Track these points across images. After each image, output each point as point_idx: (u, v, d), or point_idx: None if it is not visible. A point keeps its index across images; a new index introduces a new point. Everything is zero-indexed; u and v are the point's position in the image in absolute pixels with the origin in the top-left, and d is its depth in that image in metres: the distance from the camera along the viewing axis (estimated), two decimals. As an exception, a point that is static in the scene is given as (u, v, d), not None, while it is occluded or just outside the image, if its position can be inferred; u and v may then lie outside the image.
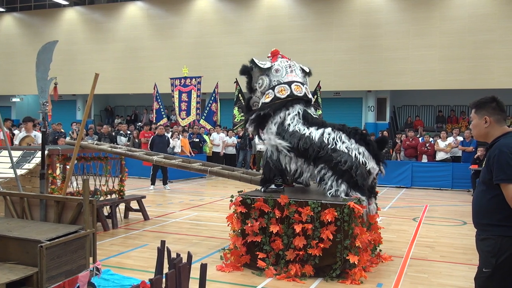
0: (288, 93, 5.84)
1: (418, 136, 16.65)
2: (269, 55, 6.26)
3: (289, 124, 5.74)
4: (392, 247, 6.64)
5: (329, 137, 5.57)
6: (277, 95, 5.86)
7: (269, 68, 6.04)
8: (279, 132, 5.74)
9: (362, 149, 5.55)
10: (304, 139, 5.59)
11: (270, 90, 5.92)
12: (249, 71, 6.16)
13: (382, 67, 20.46)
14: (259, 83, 6.07)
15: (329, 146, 5.48)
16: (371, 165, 5.55)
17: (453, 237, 7.58)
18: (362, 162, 5.46)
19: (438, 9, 19.81)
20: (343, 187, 5.38)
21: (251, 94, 6.28)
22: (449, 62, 19.42)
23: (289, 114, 5.80)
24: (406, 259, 6.17)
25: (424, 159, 14.91)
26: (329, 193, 5.41)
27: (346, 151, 5.46)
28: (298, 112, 5.83)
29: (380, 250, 6.11)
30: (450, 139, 14.91)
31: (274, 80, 5.97)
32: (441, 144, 14.78)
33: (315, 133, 5.64)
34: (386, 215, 9.24)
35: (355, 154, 5.45)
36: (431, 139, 15.33)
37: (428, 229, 8.15)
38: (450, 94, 21.01)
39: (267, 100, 5.88)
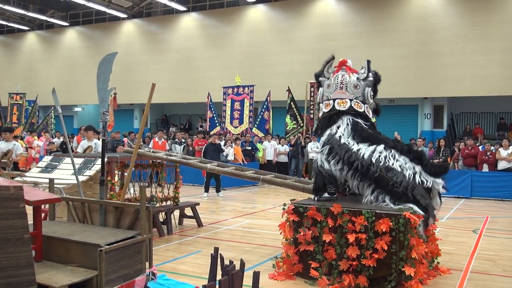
0: (331, 107, 5.98)
1: (478, 144, 15.99)
2: (337, 64, 6.32)
3: (340, 136, 5.73)
4: (450, 260, 6.39)
5: (380, 155, 5.46)
6: (323, 109, 6.10)
7: (324, 82, 6.26)
8: (330, 142, 5.73)
9: (418, 168, 5.40)
10: (350, 152, 5.53)
11: (324, 102, 6.13)
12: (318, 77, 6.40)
13: (439, 73, 19.85)
14: (318, 95, 6.42)
15: (381, 164, 5.37)
16: (432, 180, 5.39)
17: (517, 251, 7.20)
18: (419, 181, 5.31)
19: (498, 12, 19.04)
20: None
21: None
22: (511, 67, 18.57)
23: (338, 127, 5.84)
24: (465, 272, 5.92)
25: (485, 168, 14.29)
26: None
27: (399, 170, 5.33)
28: (347, 123, 5.79)
29: (438, 263, 5.90)
30: (512, 148, 14.22)
31: (325, 95, 6.16)
32: (503, 152, 14.12)
33: (364, 150, 5.54)
34: (444, 226, 8.91)
35: (409, 174, 5.31)
36: (492, 147, 14.68)
37: (489, 242, 7.79)
38: (512, 100, 20.09)
39: (326, 109, 6.07)
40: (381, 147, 5.53)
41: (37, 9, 28.76)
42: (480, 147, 15.18)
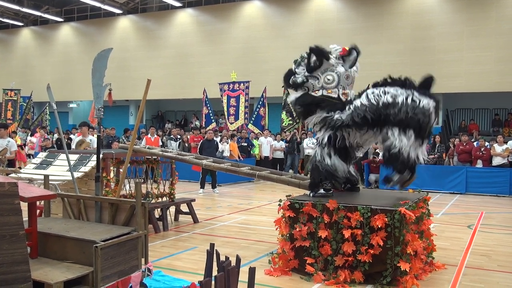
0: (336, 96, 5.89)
1: (472, 140, 16.04)
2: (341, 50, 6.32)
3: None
4: (445, 255, 6.42)
5: (373, 95, 5.47)
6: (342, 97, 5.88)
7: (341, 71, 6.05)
8: (325, 123, 5.71)
9: (409, 91, 5.45)
10: (357, 107, 5.53)
11: (335, 89, 5.90)
12: (325, 57, 6.17)
13: (435, 70, 19.78)
14: (328, 79, 5.97)
15: (380, 106, 5.36)
16: (425, 101, 5.36)
17: (512, 246, 7.25)
18: (417, 101, 5.31)
19: (494, 8, 19.07)
20: (407, 138, 5.23)
21: (308, 75, 6.19)
22: (506, 64, 18.63)
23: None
24: (460, 267, 5.95)
25: (479, 164, 14.35)
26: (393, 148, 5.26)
27: (391, 100, 5.35)
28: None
29: (433, 258, 5.93)
30: (510, 143, 14.27)
31: (341, 85, 5.95)
32: (497, 148, 14.18)
33: (360, 99, 5.58)
34: (439, 222, 8.96)
35: (402, 99, 5.33)
36: (486, 143, 14.73)
37: (484, 237, 7.83)
38: (507, 96, 20.12)
39: (334, 95, 5.86)
40: (370, 91, 5.61)
41: (32, 4, 28.57)
42: (474, 143, 15.24)
